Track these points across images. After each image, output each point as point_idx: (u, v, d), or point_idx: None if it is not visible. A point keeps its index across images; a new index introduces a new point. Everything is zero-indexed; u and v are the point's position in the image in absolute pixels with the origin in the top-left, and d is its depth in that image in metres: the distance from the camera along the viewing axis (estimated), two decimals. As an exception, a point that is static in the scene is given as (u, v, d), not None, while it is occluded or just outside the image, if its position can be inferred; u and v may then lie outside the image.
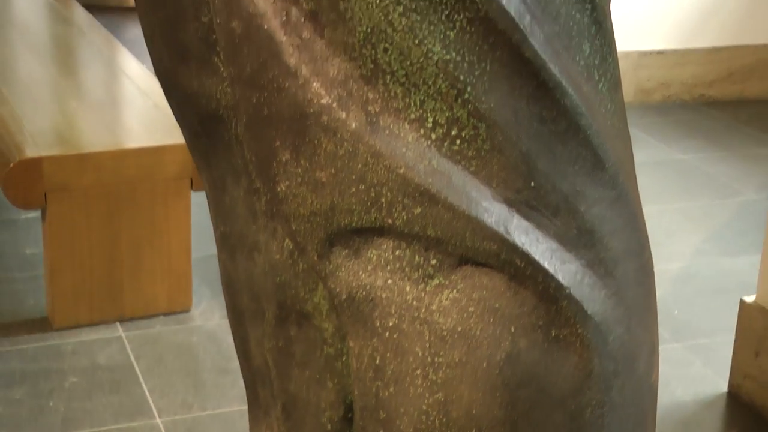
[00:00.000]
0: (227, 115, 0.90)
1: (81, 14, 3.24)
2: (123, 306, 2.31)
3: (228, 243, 0.93)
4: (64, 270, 2.24)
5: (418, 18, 0.70)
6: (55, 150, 2.15)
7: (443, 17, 0.70)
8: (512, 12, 0.70)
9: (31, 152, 2.11)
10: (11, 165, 2.08)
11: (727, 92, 3.97)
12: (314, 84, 0.73)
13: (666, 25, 3.86)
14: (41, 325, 2.31)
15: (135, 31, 4.55)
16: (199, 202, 2.40)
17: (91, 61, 2.85)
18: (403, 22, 0.70)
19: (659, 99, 3.90)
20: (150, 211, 2.26)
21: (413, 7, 0.70)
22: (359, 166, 0.73)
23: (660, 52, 3.88)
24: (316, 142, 0.74)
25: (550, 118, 0.73)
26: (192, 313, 2.37)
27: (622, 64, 3.40)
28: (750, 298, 2.06)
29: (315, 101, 0.73)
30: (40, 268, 2.45)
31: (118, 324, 2.31)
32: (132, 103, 2.51)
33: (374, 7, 0.70)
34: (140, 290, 2.31)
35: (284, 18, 0.73)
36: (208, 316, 2.36)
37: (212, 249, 2.42)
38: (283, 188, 0.77)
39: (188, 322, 2.33)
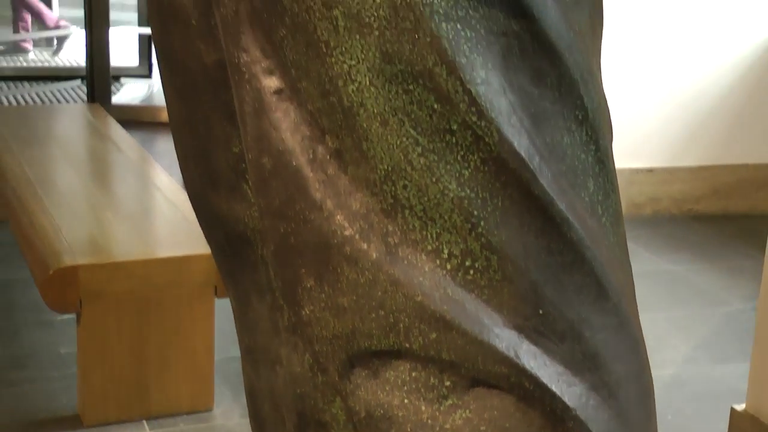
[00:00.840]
0: (254, 237, 0.90)
1: (117, 130, 3.27)
2: (149, 404, 2.29)
3: (252, 355, 0.93)
4: (96, 369, 2.23)
5: (436, 158, 0.70)
6: (90, 258, 2.15)
7: (459, 157, 0.70)
8: (522, 153, 0.70)
9: (68, 260, 2.12)
10: (50, 272, 2.08)
11: (713, 208, 3.98)
12: (338, 217, 0.73)
13: (655, 146, 3.89)
14: (72, 422, 2.29)
15: (165, 145, 4.59)
16: (222, 306, 2.39)
17: (124, 174, 2.87)
18: (422, 162, 0.70)
19: (650, 213, 3.91)
20: (176, 315, 2.25)
21: (431, 148, 0.70)
22: (379, 293, 0.73)
23: (650, 170, 3.89)
24: (339, 270, 0.74)
25: (558, 250, 0.73)
26: (214, 413, 2.35)
27: (616, 182, 3.41)
28: (740, 407, 2.05)
29: (338, 233, 0.73)
30: (73, 367, 2.45)
31: (144, 422, 2.29)
32: (161, 214, 2.52)
33: (395, 147, 0.70)
34: (166, 390, 2.30)
35: (311, 155, 0.74)
36: (229, 415, 2.34)
37: (234, 351, 2.43)
38: (308, 312, 0.77)
39: (210, 421, 2.32)
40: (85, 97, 4.38)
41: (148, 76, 6.13)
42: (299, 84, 0.73)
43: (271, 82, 0.74)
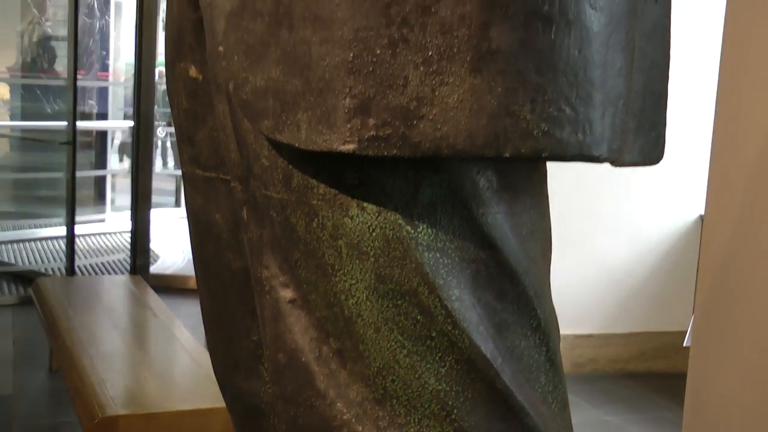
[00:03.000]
0: (267, 409, 0.89)
1: (153, 298, 3.26)
2: None
3: None
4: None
5: (418, 358, 0.71)
6: (128, 409, 2.12)
7: (437, 358, 0.71)
8: (488, 355, 0.71)
9: (110, 411, 2.08)
10: (95, 420, 2.05)
11: (641, 367, 3.95)
12: (338, 404, 0.73)
13: (594, 315, 3.89)
14: None
15: (192, 308, 4.56)
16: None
17: (158, 336, 2.85)
18: (407, 361, 0.71)
19: (589, 371, 3.88)
20: (199, 458, 2.21)
21: (415, 350, 0.71)
22: None
23: (590, 336, 3.88)
24: None
25: None
26: None
27: (562, 345, 3.41)
28: None
29: (338, 417, 0.73)
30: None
31: None
32: (188, 372, 2.49)
33: (386, 349, 0.71)
34: None
35: (318, 354, 0.74)
36: None
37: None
38: None
39: None
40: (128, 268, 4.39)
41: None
42: (309, 296, 0.74)
43: (287, 294, 0.75)
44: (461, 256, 0.70)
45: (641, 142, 0.74)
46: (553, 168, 0.81)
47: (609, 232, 3.88)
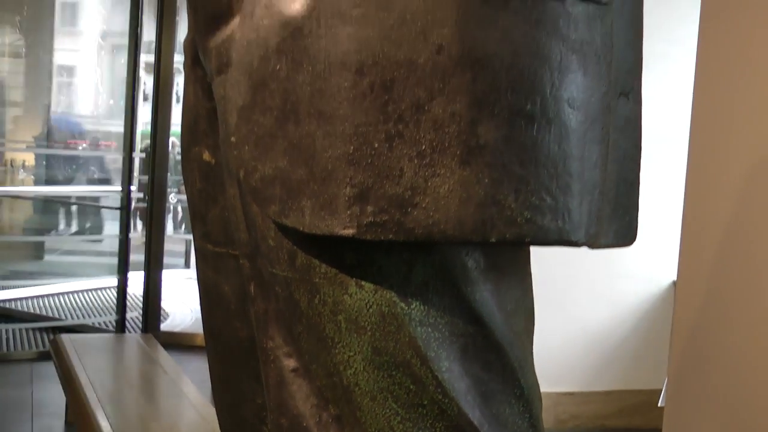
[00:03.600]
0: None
1: (163, 355, 3.25)
2: None
3: None
4: None
5: (411, 425, 0.71)
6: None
7: (428, 424, 0.71)
8: (476, 422, 0.71)
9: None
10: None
11: (619, 423, 3.92)
12: None
13: (576, 374, 3.87)
14: None
15: (199, 363, 4.54)
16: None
17: (167, 391, 2.84)
18: (401, 427, 0.71)
19: (571, 427, 3.85)
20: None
21: (408, 417, 0.71)
22: None
23: (571, 393, 3.86)
24: None
25: None
26: None
27: (545, 402, 3.39)
28: None
29: None
30: None
31: None
32: (195, 426, 2.47)
33: (381, 416, 0.71)
34: None
35: (318, 419, 0.74)
36: None
37: None
38: None
39: None
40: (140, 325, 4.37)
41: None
42: (311, 366, 0.74)
43: (290, 363, 0.76)
44: (451, 331, 0.71)
45: (616, 226, 0.75)
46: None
47: (589, 296, 3.88)
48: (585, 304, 3.87)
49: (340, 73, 0.64)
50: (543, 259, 3.52)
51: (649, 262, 3.93)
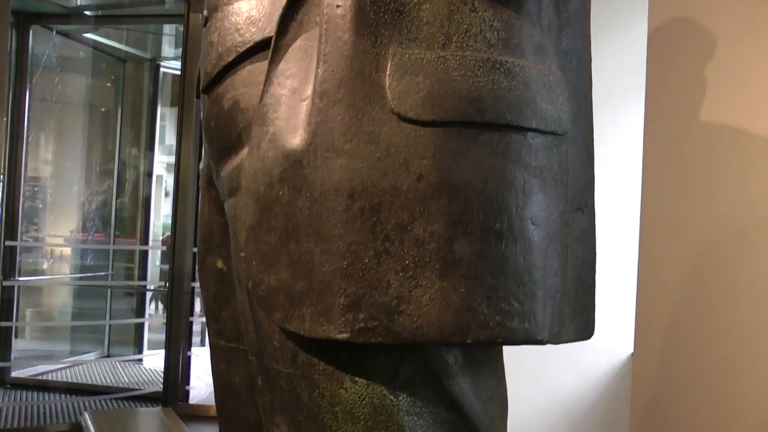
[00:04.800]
0: None
1: (181, 428, 3.20)
2: None
3: None
4: None
5: None
6: None
7: None
8: None
9: None
10: None
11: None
12: None
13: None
14: None
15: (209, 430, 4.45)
16: None
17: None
18: None
19: (546, 486, 3.78)
20: None
21: None
22: None
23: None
24: None
25: None
26: None
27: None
28: None
29: None
30: None
31: None
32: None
33: None
34: None
35: None
36: None
37: None
38: None
39: None
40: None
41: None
42: None
43: None
44: (435, 418, 0.71)
45: (576, 323, 0.76)
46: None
47: (558, 369, 3.85)
48: (555, 376, 3.84)
49: (334, 199, 0.66)
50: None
51: (607, 336, 3.92)
